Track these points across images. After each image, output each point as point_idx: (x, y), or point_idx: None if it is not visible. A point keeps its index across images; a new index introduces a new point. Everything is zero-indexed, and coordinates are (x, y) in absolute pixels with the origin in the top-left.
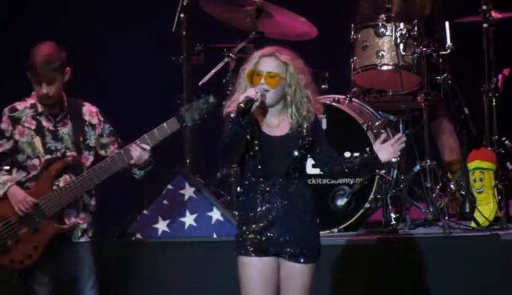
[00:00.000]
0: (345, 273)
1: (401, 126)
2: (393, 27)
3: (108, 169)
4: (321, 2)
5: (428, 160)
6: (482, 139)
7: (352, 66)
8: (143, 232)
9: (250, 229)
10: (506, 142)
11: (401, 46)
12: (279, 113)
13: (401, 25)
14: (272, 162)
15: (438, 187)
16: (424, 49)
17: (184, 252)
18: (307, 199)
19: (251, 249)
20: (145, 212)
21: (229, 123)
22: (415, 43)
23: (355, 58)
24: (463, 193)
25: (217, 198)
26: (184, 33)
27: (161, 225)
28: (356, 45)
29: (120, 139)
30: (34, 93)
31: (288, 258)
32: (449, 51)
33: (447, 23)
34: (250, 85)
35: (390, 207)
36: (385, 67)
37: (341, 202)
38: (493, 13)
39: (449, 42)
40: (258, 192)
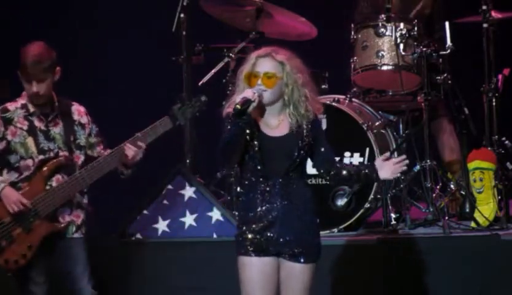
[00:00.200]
0: (345, 273)
1: (401, 126)
2: (393, 27)
3: (101, 169)
4: (321, 2)
5: (428, 160)
6: (482, 139)
7: (352, 66)
8: (143, 232)
9: (250, 229)
10: (506, 142)
11: (401, 46)
12: (279, 113)
13: (401, 25)
14: (272, 162)
15: (438, 187)
16: (424, 49)
17: (184, 252)
18: (307, 199)
19: (251, 249)
20: (145, 212)
21: (228, 123)
22: (415, 43)
23: (355, 58)
24: (463, 193)
25: (217, 198)
26: (184, 33)
27: (161, 225)
28: (356, 45)
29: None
30: (24, 93)
31: (288, 258)
32: (449, 51)
33: (447, 23)
34: (248, 86)
35: (390, 207)
36: (385, 67)
37: (341, 202)
38: (493, 13)
39: (449, 42)
40: (258, 192)
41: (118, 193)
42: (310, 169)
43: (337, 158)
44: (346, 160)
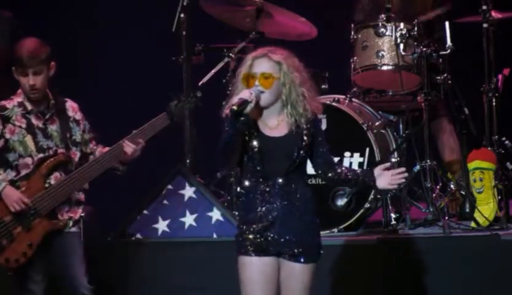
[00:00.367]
0: (345, 273)
1: (401, 126)
2: (393, 27)
3: (101, 166)
4: (321, 2)
5: (428, 160)
6: (482, 139)
7: (352, 66)
8: (143, 232)
9: (250, 229)
10: (506, 142)
11: (401, 46)
12: (278, 113)
13: (401, 25)
14: (271, 163)
15: (438, 187)
16: (424, 49)
17: (184, 252)
18: (307, 199)
19: (251, 249)
20: (145, 212)
21: (226, 125)
22: (415, 43)
23: (355, 58)
24: (463, 193)
25: (217, 198)
26: (184, 33)
27: (161, 225)
28: (356, 45)
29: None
30: (20, 91)
31: (288, 258)
32: (449, 51)
33: (447, 23)
34: (246, 87)
35: (390, 207)
36: (385, 67)
37: (341, 202)
38: (493, 13)
39: (449, 42)
40: (258, 192)
41: (118, 193)
42: (311, 169)
43: (337, 159)
44: (346, 160)
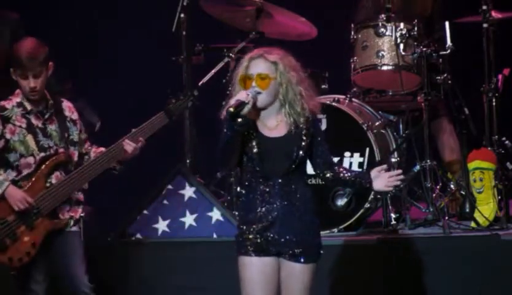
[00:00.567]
0: (345, 273)
1: (401, 126)
2: (393, 27)
3: (101, 165)
4: (321, 2)
5: (428, 160)
6: (482, 139)
7: (352, 66)
8: (143, 232)
9: (251, 229)
10: (506, 142)
11: (401, 46)
12: (277, 114)
13: (401, 25)
14: (271, 163)
15: (438, 187)
16: (424, 49)
17: (184, 252)
18: (307, 199)
19: (251, 249)
20: (145, 212)
21: (224, 126)
22: (415, 43)
23: (355, 58)
24: (463, 193)
25: (217, 198)
26: (184, 33)
27: (161, 225)
28: (356, 45)
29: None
30: (18, 91)
31: (288, 258)
32: (449, 51)
33: (447, 23)
34: (244, 89)
35: (390, 207)
36: (385, 67)
37: (341, 202)
38: (493, 13)
39: (449, 42)
40: (258, 192)
41: (118, 193)
42: (311, 169)
43: (337, 159)
44: (346, 160)
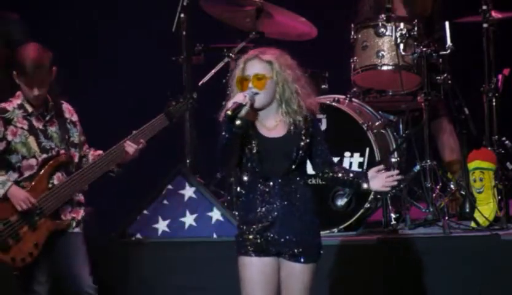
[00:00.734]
0: (345, 273)
1: (401, 126)
2: (393, 27)
3: (103, 166)
4: (321, 2)
5: (428, 160)
6: (482, 139)
7: (352, 66)
8: (143, 232)
9: (250, 229)
10: (506, 142)
11: (401, 46)
12: (275, 114)
13: (401, 25)
14: (270, 163)
15: (438, 187)
16: (424, 49)
17: (184, 252)
18: (307, 199)
19: (251, 249)
20: (145, 212)
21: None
22: (415, 43)
23: (355, 58)
24: (463, 193)
25: (217, 198)
26: (184, 33)
27: (161, 225)
28: (356, 45)
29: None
30: (19, 93)
31: (288, 258)
32: (449, 51)
33: (447, 23)
34: (241, 91)
35: (390, 207)
36: (385, 67)
37: (341, 202)
38: (493, 13)
39: (449, 42)
40: (258, 193)
41: (118, 193)
42: (311, 169)
43: (337, 159)
44: (346, 160)
